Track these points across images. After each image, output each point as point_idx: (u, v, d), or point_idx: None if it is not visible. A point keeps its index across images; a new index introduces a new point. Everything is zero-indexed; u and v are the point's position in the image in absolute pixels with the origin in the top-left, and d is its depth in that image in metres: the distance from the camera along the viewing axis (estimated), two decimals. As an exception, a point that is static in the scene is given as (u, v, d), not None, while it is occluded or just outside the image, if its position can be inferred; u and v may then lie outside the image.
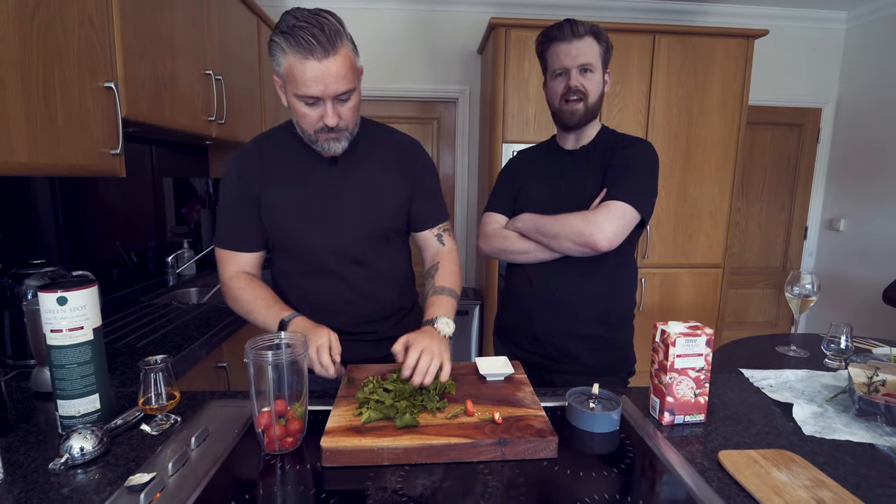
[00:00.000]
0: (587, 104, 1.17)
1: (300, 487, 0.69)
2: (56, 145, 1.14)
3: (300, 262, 1.08)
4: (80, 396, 0.81)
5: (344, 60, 0.89)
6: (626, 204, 1.10)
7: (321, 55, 0.86)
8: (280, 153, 1.05)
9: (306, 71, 0.87)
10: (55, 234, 1.59)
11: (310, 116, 0.93)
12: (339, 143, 0.98)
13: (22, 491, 0.68)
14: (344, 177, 1.04)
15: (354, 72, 0.93)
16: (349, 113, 0.95)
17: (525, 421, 0.80)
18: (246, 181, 1.03)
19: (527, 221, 1.20)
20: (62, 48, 1.16)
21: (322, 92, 0.89)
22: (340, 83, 0.89)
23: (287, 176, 1.04)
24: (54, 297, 0.77)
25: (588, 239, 1.08)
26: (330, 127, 0.93)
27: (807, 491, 0.68)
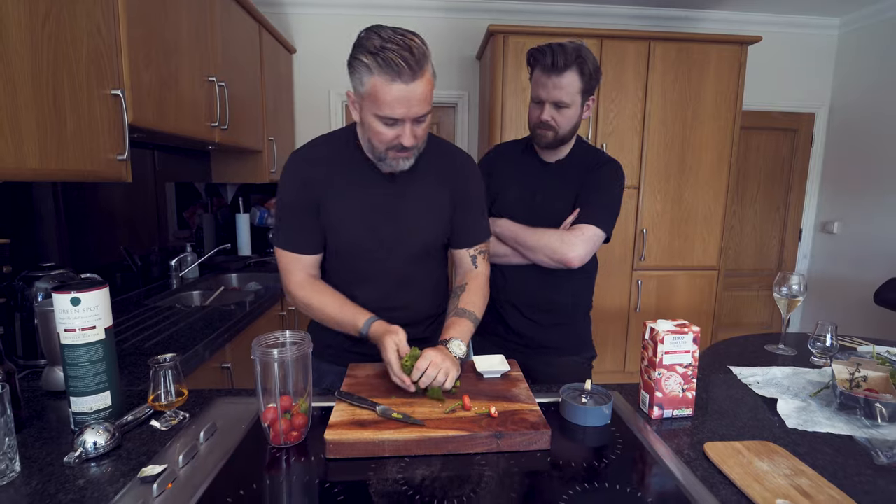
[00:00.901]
0: (557, 134, 1.23)
1: (305, 478, 0.73)
2: (66, 151, 1.18)
3: (346, 267, 1.10)
4: (93, 393, 0.84)
5: (427, 84, 0.90)
6: (595, 227, 1.23)
7: (409, 78, 0.86)
8: (343, 163, 1.06)
9: (392, 93, 0.87)
10: (60, 238, 1.62)
11: (386, 135, 0.94)
12: (407, 161, 0.99)
13: (39, 483, 0.71)
14: (401, 193, 1.06)
15: (432, 94, 0.94)
16: (423, 133, 0.97)
17: (520, 415, 0.84)
18: (309, 186, 1.04)
19: (505, 229, 1.28)
20: (71, 57, 1.19)
21: (405, 114, 0.90)
22: (422, 106, 0.91)
23: (348, 186, 1.05)
24: (68, 297, 0.81)
25: (562, 257, 1.21)
26: (406, 146, 0.95)
27: (786, 479, 0.72)
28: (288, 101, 3.06)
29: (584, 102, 1.22)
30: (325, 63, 3.09)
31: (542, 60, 1.17)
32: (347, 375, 1.00)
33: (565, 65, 1.15)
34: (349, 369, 1.03)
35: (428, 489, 0.70)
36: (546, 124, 1.22)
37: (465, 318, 1.05)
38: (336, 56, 3.25)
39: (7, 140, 1.01)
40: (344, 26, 3.07)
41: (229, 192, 3.02)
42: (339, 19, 3.06)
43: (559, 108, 1.20)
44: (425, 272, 1.14)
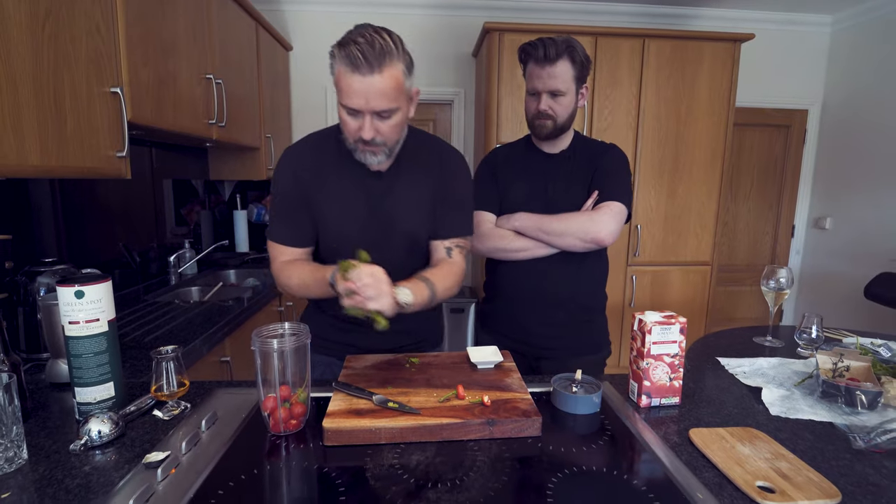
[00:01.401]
0: (556, 123, 1.25)
1: (304, 464, 0.75)
2: (66, 149, 1.19)
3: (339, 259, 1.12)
4: (96, 384, 0.87)
5: (389, 80, 0.91)
6: (620, 203, 1.26)
7: (366, 71, 0.89)
8: (332, 158, 1.08)
9: (350, 83, 0.91)
10: (59, 235, 1.64)
11: (350, 125, 0.96)
12: (374, 157, 1.00)
13: (46, 470, 0.74)
14: (387, 190, 1.09)
15: (400, 92, 0.94)
16: (389, 130, 0.97)
17: (512, 403, 0.87)
18: (301, 180, 1.07)
19: (526, 221, 1.28)
20: (71, 56, 1.21)
21: (362, 106, 0.92)
22: (381, 100, 0.92)
23: (338, 181, 1.08)
24: (72, 290, 0.83)
25: (595, 236, 1.22)
26: (365, 140, 0.96)
27: (766, 462, 0.75)
28: (285, 99, 3.08)
29: (578, 90, 1.25)
30: (322, 60, 3.09)
31: (535, 53, 1.21)
32: (345, 367, 1.03)
33: (557, 54, 1.19)
34: (346, 361, 1.06)
35: (423, 473, 0.72)
36: (544, 114, 1.24)
37: (421, 281, 1.02)
38: (333, 53, 3.26)
39: (9, 138, 1.03)
40: (340, 23, 3.07)
41: (227, 189, 3.03)
42: (335, 16, 3.07)
43: (555, 97, 1.23)
44: (415, 268, 1.15)
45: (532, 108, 1.27)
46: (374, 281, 0.87)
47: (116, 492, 0.68)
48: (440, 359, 1.08)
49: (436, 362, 1.06)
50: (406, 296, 0.93)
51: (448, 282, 1.08)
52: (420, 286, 0.99)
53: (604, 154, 1.31)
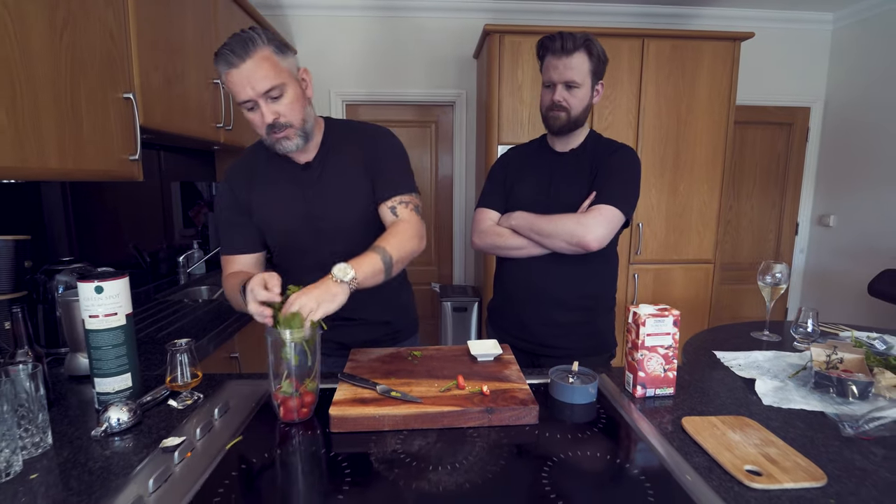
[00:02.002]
0: (570, 116, 1.26)
1: (312, 449, 0.79)
2: (82, 152, 1.24)
3: (294, 257, 1.18)
4: (115, 375, 0.91)
5: (261, 61, 0.97)
6: (613, 208, 1.22)
7: (238, 62, 0.96)
8: (262, 164, 1.16)
9: (232, 79, 0.97)
10: (69, 236, 1.69)
11: (255, 120, 1.02)
12: (290, 142, 1.05)
13: (70, 454, 0.78)
14: (316, 179, 1.14)
15: (279, 70, 0.99)
16: (286, 109, 1.01)
17: (510, 393, 0.90)
18: (235, 191, 1.15)
19: (521, 220, 1.29)
20: (87, 62, 1.26)
21: (250, 94, 0.98)
22: (262, 81, 0.97)
23: (268, 181, 1.14)
24: (92, 286, 0.87)
25: (580, 240, 1.20)
26: (270, 124, 1.01)
27: (756, 448, 0.78)
28: (290, 102, 3.12)
29: (594, 85, 1.26)
30: (325, 63, 3.16)
31: (552, 45, 1.22)
32: (350, 360, 1.07)
33: (574, 46, 1.20)
34: (352, 354, 1.10)
35: (424, 458, 0.76)
36: (558, 105, 1.24)
37: (371, 251, 1.01)
38: (335, 56, 3.32)
39: (30, 142, 1.08)
40: (342, 27, 3.14)
41: (234, 191, 3.08)
42: (337, 20, 3.12)
43: (570, 89, 1.23)
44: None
45: (546, 100, 1.27)
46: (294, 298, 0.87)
47: (136, 474, 0.72)
48: (442, 352, 1.12)
49: (437, 355, 1.10)
50: (343, 272, 0.92)
51: (400, 240, 1.05)
52: (366, 256, 0.98)
53: (611, 154, 1.30)
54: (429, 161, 3.40)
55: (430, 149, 3.40)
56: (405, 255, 1.05)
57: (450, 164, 3.43)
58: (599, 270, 1.33)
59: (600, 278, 1.34)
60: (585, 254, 1.24)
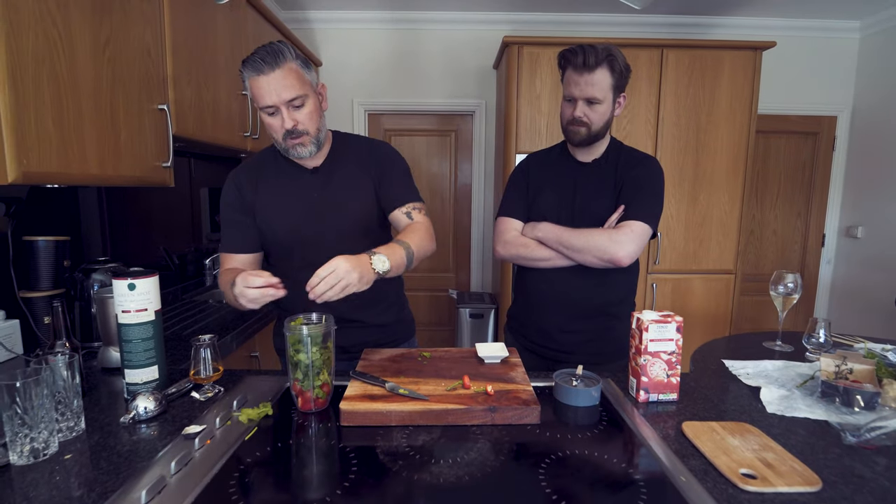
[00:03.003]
0: (590, 130, 1.26)
1: (322, 440, 0.84)
2: (120, 159, 1.33)
3: (293, 259, 1.23)
4: (143, 367, 0.98)
5: (289, 72, 1.06)
6: (644, 224, 1.24)
7: (268, 70, 1.05)
8: (269, 167, 1.23)
9: (259, 84, 1.06)
10: (103, 238, 1.79)
11: (274, 125, 1.10)
12: (304, 148, 1.13)
13: (101, 438, 0.84)
14: (324, 184, 1.21)
15: (303, 82, 1.09)
16: (306, 118, 1.10)
17: (514, 393, 0.93)
18: (241, 190, 1.22)
19: (548, 232, 1.29)
20: (125, 76, 1.36)
21: (274, 100, 1.06)
22: (288, 90, 1.06)
23: (275, 185, 1.21)
24: (126, 283, 0.95)
25: (612, 256, 1.21)
26: (289, 130, 1.09)
27: (753, 452, 0.79)
28: (314, 111, 3.23)
29: (615, 99, 1.26)
30: (348, 74, 3.26)
31: (574, 60, 1.22)
32: (362, 359, 1.12)
33: (596, 62, 1.20)
34: (364, 353, 1.15)
35: (427, 452, 0.80)
36: (579, 121, 1.24)
37: (395, 244, 1.07)
38: (359, 67, 3.43)
39: (74, 149, 1.17)
40: (366, 40, 3.24)
41: (259, 198, 3.19)
42: (361, 33, 3.22)
43: (591, 105, 1.23)
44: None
45: (567, 114, 1.27)
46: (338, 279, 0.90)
47: (160, 457, 0.78)
48: (450, 353, 1.15)
49: (446, 356, 1.13)
50: (382, 263, 0.98)
51: (418, 238, 1.12)
52: (395, 248, 1.05)
53: (636, 166, 1.29)
54: (448, 169, 3.46)
55: (450, 157, 3.46)
56: (423, 253, 1.13)
57: (469, 172, 3.48)
58: (620, 279, 1.33)
59: (621, 286, 1.34)
60: None
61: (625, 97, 1.29)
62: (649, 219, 1.25)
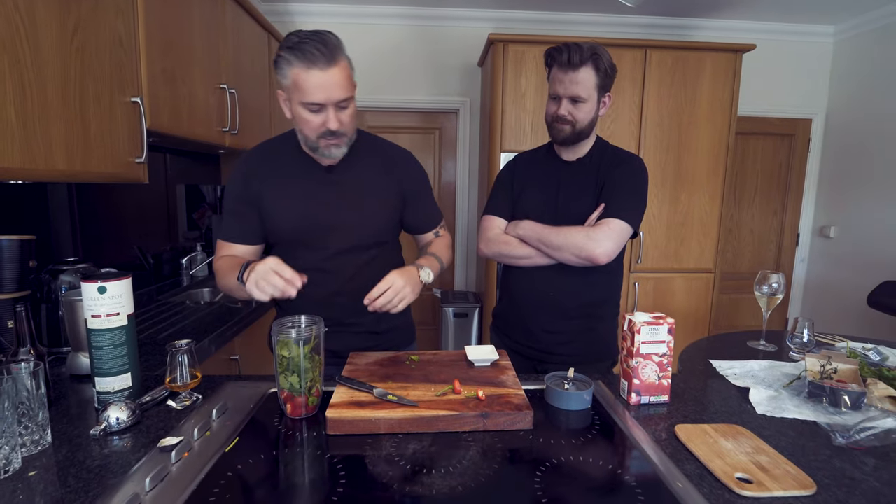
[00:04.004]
0: (575, 129, 1.26)
1: (307, 450, 0.80)
2: (90, 154, 1.27)
3: (297, 257, 1.17)
4: (115, 374, 0.92)
5: (343, 71, 1.02)
6: (622, 221, 1.23)
7: (324, 65, 0.98)
8: (283, 158, 1.17)
9: (311, 80, 0.98)
10: (73, 237, 1.71)
11: (313, 122, 1.04)
12: (339, 149, 1.09)
13: (69, 452, 0.79)
14: (339, 181, 1.16)
15: (351, 83, 1.05)
16: (348, 119, 1.06)
17: (505, 398, 0.91)
18: (249, 181, 1.15)
19: (528, 230, 1.29)
20: (95, 67, 1.29)
21: (325, 99, 1.00)
22: (341, 91, 1.01)
23: (288, 178, 1.16)
24: (95, 286, 0.89)
25: (589, 254, 1.21)
26: (332, 131, 1.04)
27: (747, 456, 0.78)
28: (295, 107, 3.16)
29: (600, 98, 1.26)
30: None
31: (559, 58, 1.22)
32: (348, 363, 1.08)
33: (581, 61, 1.20)
34: (350, 357, 1.11)
35: (418, 461, 0.77)
36: (563, 119, 1.24)
37: (433, 257, 1.20)
38: (342, 63, 3.35)
39: (38, 143, 1.10)
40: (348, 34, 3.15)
41: (237, 195, 3.11)
42: (344, 28, 3.14)
43: (576, 103, 1.23)
44: (380, 261, 1.19)
45: (552, 112, 1.27)
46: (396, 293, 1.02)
47: (133, 472, 0.73)
48: (439, 357, 1.13)
49: (435, 360, 1.11)
50: (428, 275, 1.11)
51: (447, 252, 1.28)
52: (433, 262, 1.18)
53: (619, 165, 1.29)
54: (432, 167, 3.43)
55: (434, 155, 3.43)
56: (447, 263, 1.26)
57: (453, 170, 3.45)
58: (604, 279, 1.33)
59: (605, 287, 1.35)
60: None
61: (610, 97, 1.29)
62: (629, 217, 1.24)
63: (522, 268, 1.34)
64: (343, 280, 1.18)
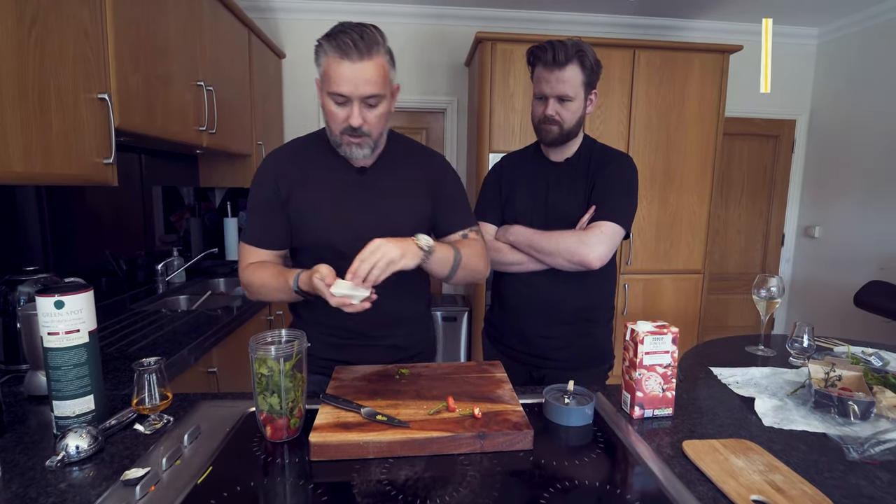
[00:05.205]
0: (562, 128, 1.22)
1: (289, 479, 0.73)
2: (51, 155, 1.17)
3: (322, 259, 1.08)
4: (76, 397, 0.84)
5: (377, 67, 0.95)
6: (614, 224, 1.20)
7: (356, 58, 0.93)
8: (313, 159, 1.10)
9: (340, 70, 0.94)
10: (43, 242, 1.61)
11: (338, 115, 0.98)
12: (360, 150, 1.02)
13: (20, 487, 0.71)
14: (371, 187, 1.09)
15: (386, 81, 0.98)
16: (375, 120, 0.99)
17: (503, 416, 0.85)
18: (279, 181, 1.07)
19: (519, 235, 1.25)
20: (58, 60, 1.19)
21: (351, 91, 0.95)
22: (369, 86, 0.95)
23: (317, 181, 1.08)
24: (52, 301, 0.81)
25: (582, 259, 1.17)
26: (353, 128, 0.98)
27: (760, 475, 0.74)
28: (277, 106, 3.07)
29: (587, 96, 1.22)
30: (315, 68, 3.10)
31: (543, 57, 1.18)
32: (333, 378, 1.01)
33: (566, 58, 1.16)
34: (335, 372, 1.04)
35: (411, 489, 0.70)
36: (551, 119, 1.21)
37: (444, 243, 1.05)
38: (326, 61, 3.27)
39: (-10, 143, 1.01)
40: (333, 32, 3.10)
41: (217, 196, 3.01)
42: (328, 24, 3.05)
43: (563, 102, 1.19)
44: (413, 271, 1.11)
45: (539, 113, 1.24)
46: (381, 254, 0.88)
47: (93, 510, 0.65)
48: (430, 369, 1.06)
49: (426, 373, 1.04)
50: (427, 240, 0.95)
51: (471, 252, 1.08)
52: (442, 244, 1.02)
53: (608, 164, 1.25)
54: (418, 168, 3.36)
55: (420, 156, 3.36)
56: (471, 267, 1.07)
57: (439, 171, 3.39)
58: (598, 283, 1.29)
59: (598, 290, 1.31)
60: None
61: (596, 94, 1.26)
62: (621, 219, 1.21)
63: (515, 273, 1.30)
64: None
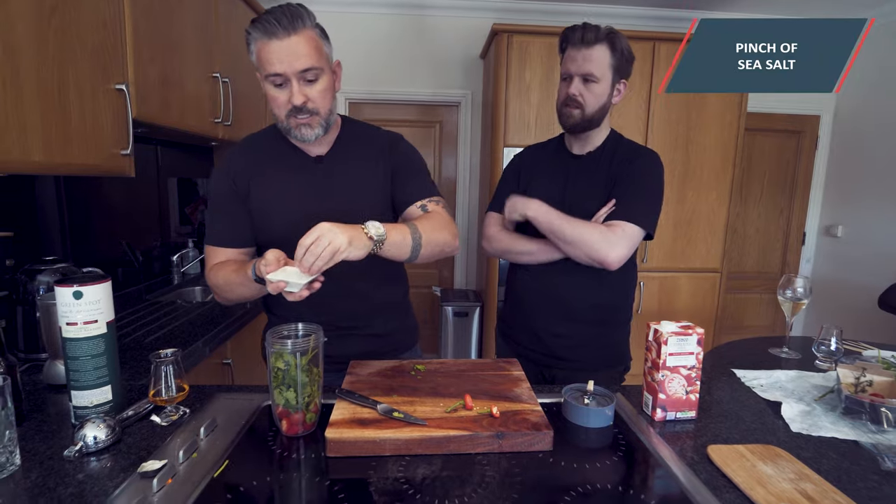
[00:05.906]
0: (584, 112, 1.18)
1: (305, 475, 0.72)
2: (69, 145, 1.18)
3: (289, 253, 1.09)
4: (93, 388, 0.84)
5: (307, 40, 0.94)
6: (636, 226, 1.16)
7: (283, 35, 0.92)
8: (268, 152, 1.09)
9: (270, 49, 0.93)
10: (62, 232, 1.62)
11: (279, 99, 0.97)
12: (311, 130, 1.00)
13: (39, 476, 0.71)
14: (329, 174, 1.08)
15: (320, 54, 0.97)
16: (318, 95, 0.98)
17: (522, 415, 0.83)
18: (235, 179, 1.07)
19: (540, 214, 1.18)
20: (77, 51, 1.19)
21: (285, 69, 0.93)
22: (302, 60, 0.93)
23: (275, 173, 1.07)
24: (71, 291, 0.80)
25: (603, 258, 1.13)
26: (297, 107, 0.96)
27: (791, 483, 0.71)
28: (292, 99, 3.06)
29: (614, 82, 1.18)
30: (330, 60, 3.09)
31: (573, 36, 1.16)
32: (349, 373, 1.00)
33: (596, 38, 1.14)
34: (350, 367, 1.03)
35: (429, 488, 0.69)
36: (573, 100, 1.17)
37: (401, 223, 0.98)
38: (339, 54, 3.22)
39: (12, 133, 1.01)
40: (347, 24, 3.07)
41: (232, 189, 3.01)
42: (342, 17, 3.05)
43: (587, 83, 1.16)
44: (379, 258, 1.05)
45: (562, 94, 1.20)
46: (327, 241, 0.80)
47: (110, 502, 0.65)
48: (446, 366, 1.05)
49: (442, 370, 1.03)
50: (375, 227, 0.87)
51: (432, 226, 0.99)
52: (397, 226, 0.93)
53: (633, 161, 1.20)
54: (432, 162, 3.34)
55: (434, 150, 3.34)
56: (435, 242, 0.98)
57: (454, 165, 3.37)
58: (615, 281, 1.24)
59: (616, 289, 1.26)
60: None
61: (625, 84, 1.21)
62: (643, 220, 1.16)
63: (529, 268, 1.27)
64: (340, 280, 1.09)
